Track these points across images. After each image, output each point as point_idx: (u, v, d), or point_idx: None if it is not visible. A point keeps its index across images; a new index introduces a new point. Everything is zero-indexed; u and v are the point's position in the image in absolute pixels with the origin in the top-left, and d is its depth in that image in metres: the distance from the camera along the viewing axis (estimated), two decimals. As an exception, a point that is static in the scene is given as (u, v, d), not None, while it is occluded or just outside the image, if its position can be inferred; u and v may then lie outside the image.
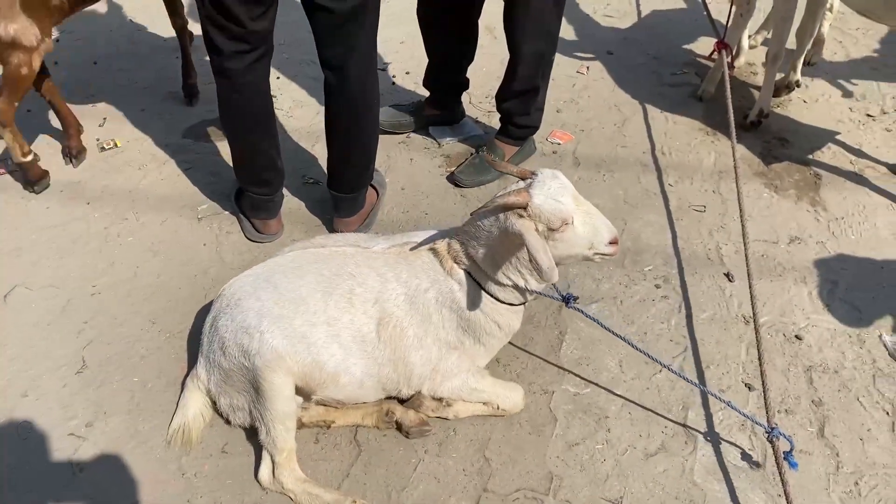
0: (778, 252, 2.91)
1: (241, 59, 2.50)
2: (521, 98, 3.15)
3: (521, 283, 2.08)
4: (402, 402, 2.29)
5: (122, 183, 3.27)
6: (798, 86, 3.79)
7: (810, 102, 3.80)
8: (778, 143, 3.52)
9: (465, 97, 3.67)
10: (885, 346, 2.54)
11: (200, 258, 2.89)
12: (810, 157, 3.42)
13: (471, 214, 2.06)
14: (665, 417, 2.33)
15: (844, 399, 2.38)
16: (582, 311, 2.23)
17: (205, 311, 2.59)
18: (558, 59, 4.12)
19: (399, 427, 2.24)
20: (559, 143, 3.51)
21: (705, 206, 3.15)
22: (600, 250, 2.03)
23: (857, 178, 3.28)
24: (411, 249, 2.15)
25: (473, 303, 2.12)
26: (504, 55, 3.12)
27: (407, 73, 4.03)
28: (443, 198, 3.18)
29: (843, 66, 4.10)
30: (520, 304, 2.19)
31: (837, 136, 3.54)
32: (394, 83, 3.98)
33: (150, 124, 3.63)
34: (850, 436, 2.27)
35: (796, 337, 2.57)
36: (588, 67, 4.08)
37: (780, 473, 2.02)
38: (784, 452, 2.07)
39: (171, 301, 2.71)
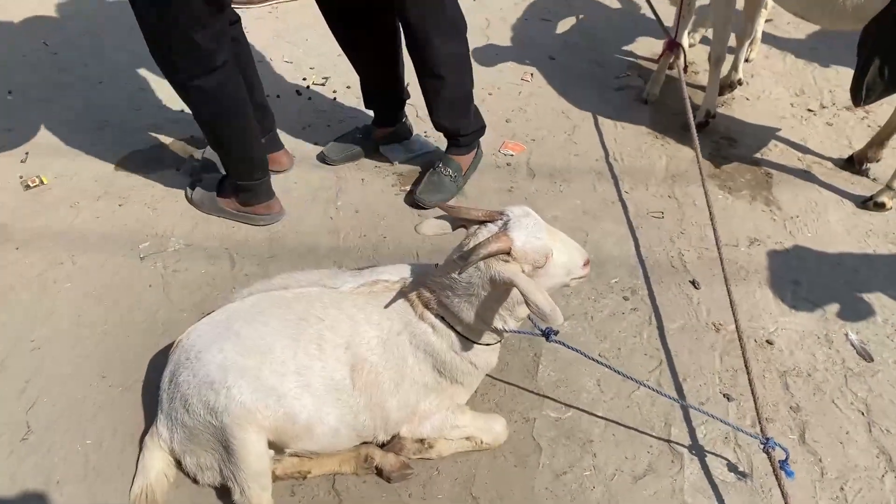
0: (739, 255, 2.91)
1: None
2: (458, 107, 3.05)
3: (501, 326, 2.01)
4: (380, 445, 2.18)
5: (53, 223, 3.04)
6: (740, 83, 3.84)
7: (753, 100, 3.84)
8: (726, 142, 3.54)
9: (413, 111, 3.58)
10: (851, 344, 2.57)
11: (147, 301, 2.71)
12: (759, 155, 3.45)
13: (439, 266, 1.97)
14: (649, 435, 2.29)
15: (820, 402, 2.38)
16: (564, 344, 2.16)
17: (158, 358, 2.44)
18: (502, 67, 4.09)
19: (379, 472, 2.13)
20: (512, 155, 3.45)
21: (663, 211, 3.13)
22: (576, 275, 2.00)
23: (806, 175, 3.32)
24: (385, 307, 2.04)
25: (449, 346, 2.03)
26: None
27: (348, 87, 3.89)
28: (400, 218, 3.07)
29: (779, 61, 4.17)
30: (496, 343, 2.12)
31: (783, 133, 3.58)
32: (335, 98, 3.84)
33: (79, 158, 3.40)
34: (830, 440, 2.28)
35: (767, 342, 2.57)
36: (532, 74, 4.03)
37: (779, 485, 2.00)
38: (779, 462, 2.05)
39: (120, 351, 2.52)
